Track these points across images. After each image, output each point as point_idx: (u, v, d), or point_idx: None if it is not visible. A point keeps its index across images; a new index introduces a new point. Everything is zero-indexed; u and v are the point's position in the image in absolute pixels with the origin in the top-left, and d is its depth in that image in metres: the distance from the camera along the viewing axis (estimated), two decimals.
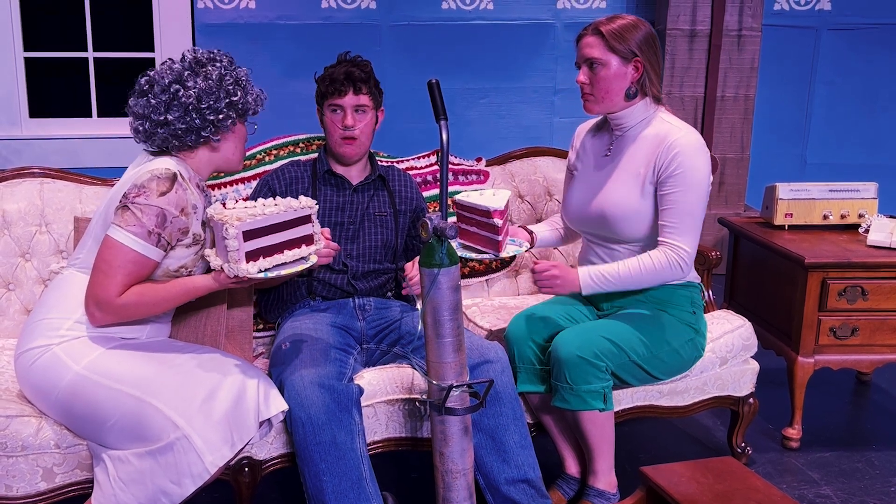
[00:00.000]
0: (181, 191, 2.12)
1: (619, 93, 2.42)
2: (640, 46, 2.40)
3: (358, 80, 2.53)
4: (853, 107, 5.40)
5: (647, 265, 2.40)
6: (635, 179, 2.44)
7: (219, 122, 2.19)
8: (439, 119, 2.12)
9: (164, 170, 2.11)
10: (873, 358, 2.97)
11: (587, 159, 2.61)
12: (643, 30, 2.42)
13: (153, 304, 2.13)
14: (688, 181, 2.37)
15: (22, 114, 4.76)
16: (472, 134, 5.02)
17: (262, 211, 2.05)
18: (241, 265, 2.00)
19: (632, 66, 2.41)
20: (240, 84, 2.22)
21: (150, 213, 2.07)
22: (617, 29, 2.39)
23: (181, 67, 2.19)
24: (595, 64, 2.42)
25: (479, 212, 2.24)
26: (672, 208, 2.39)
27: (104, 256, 2.08)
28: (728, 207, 5.03)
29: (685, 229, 2.39)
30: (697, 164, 2.38)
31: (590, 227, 2.56)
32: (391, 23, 4.97)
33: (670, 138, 2.40)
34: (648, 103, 2.47)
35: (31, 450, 2.11)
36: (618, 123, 2.50)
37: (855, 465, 2.92)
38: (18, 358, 2.16)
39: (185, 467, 1.98)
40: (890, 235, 2.99)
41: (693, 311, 2.55)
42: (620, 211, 2.45)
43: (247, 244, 2.00)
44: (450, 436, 2.07)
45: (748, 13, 4.84)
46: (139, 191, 2.09)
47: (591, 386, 2.35)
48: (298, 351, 2.32)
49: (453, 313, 2.02)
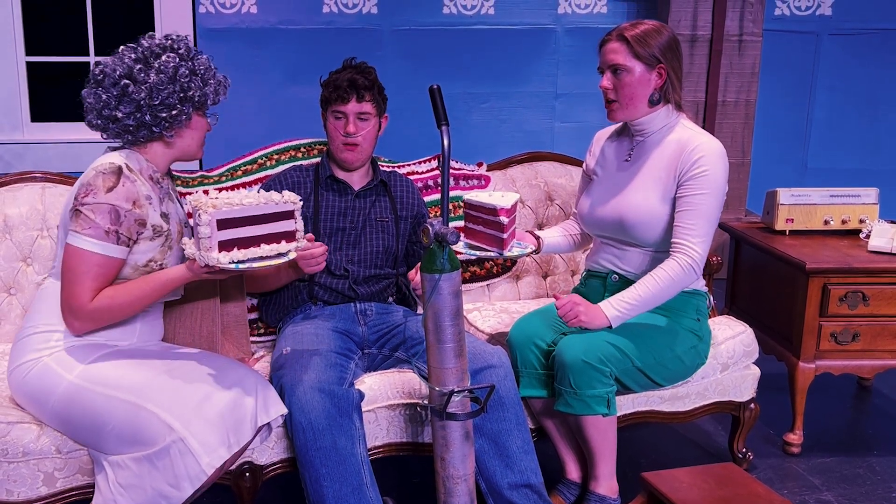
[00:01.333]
0: (129, 183, 2.07)
1: (642, 99, 2.43)
2: (663, 52, 2.40)
3: (361, 87, 2.53)
4: (854, 112, 5.40)
5: (663, 279, 2.38)
6: (656, 184, 2.44)
7: (171, 117, 2.12)
8: (441, 124, 2.12)
9: (108, 164, 2.07)
10: (874, 363, 2.97)
11: (607, 164, 2.62)
12: (666, 35, 2.41)
13: (129, 304, 2.09)
14: (709, 184, 2.38)
15: (24, 118, 4.77)
16: (474, 139, 5.03)
17: (241, 201, 2.00)
18: (213, 254, 1.95)
19: (655, 72, 2.41)
20: (196, 74, 2.13)
21: (102, 211, 2.03)
22: (641, 34, 2.39)
23: (133, 59, 2.10)
24: (619, 70, 2.41)
25: (485, 210, 2.26)
26: (690, 210, 2.39)
27: (69, 265, 2.05)
28: (729, 212, 5.03)
29: (700, 232, 2.39)
30: (718, 170, 2.39)
31: (606, 231, 2.56)
32: (392, 27, 4.97)
33: (694, 143, 2.41)
34: (670, 110, 2.47)
35: (32, 455, 2.11)
36: (639, 129, 2.51)
37: (856, 471, 2.91)
38: (12, 373, 2.15)
39: (183, 470, 1.97)
40: (891, 241, 2.99)
41: (697, 319, 2.55)
42: (640, 215, 2.45)
43: (220, 233, 1.95)
44: (451, 441, 2.07)
45: (749, 18, 4.84)
46: (86, 190, 2.05)
47: (595, 391, 2.35)
48: (299, 356, 2.32)
49: (454, 319, 2.02)
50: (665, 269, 2.39)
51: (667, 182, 2.43)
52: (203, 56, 2.19)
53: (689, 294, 2.53)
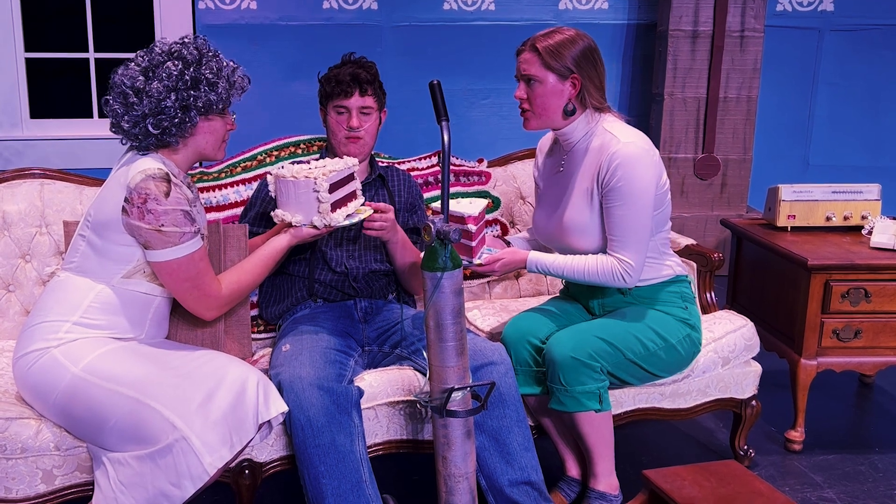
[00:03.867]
0: (176, 188, 2.10)
1: (556, 110, 2.40)
2: (577, 62, 2.36)
3: (364, 81, 2.52)
4: (856, 108, 5.39)
5: (591, 269, 2.40)
6: (585, 195, 2.43)
7: (174, 125, 2.12)
8: (441, 120, 2.11)
9: (155, 169, 2.08)
10: (876, 360, 2.96)
11: (546, 176, 2.62)
12: (581, 45, 2.37)
13: (251, 283, 2.28)
14: (627, 194, 2.34)
15: (23, 115, 4.76)
16: (474, 135, 5.02)
17: (334, 167, 2.28)
18: (334, 214, 2.25)
19: (569, 82, 2.38)
20: (201, 81, 2.12)
21: (178, 217, 2.07)
22: (553, 45, 2.36)
23: (139, 69, 2.11)
24: (532, 80, 2.39)
25: (453, 218, 2.26)
26: (614, 222, 2.38)
27: (184, 275, 2.12)
28: (730, 209, 5.02)
29: (628, 243, 2.37)
30: (638, 174, 2.33)
31: (552, 242, 2.57)
32: (393, 23, 4.96)
33: (610, 149, 2.36)
34: (590, 115, 2.44)
35: (31, 452, 2.11)
36: (564, 139, 2.50)
37: (858, 468, 2.91)
38: (17, 362, 2.15)
39: (185, 469, 1.97)
40: (893, 237, 2.98)
41: (685, 307, 2.54)
42: (575, 226, 2.45)
43: (331, 195, 2.24)
44: (452, 440, 2.06)
45: (750, 14, 4.83)
46: (144, 196, 2.04)
47: (586, 387, 2.34)
48: (298, 353, 2.31)
49: (456, 317, 2.01)
50: (598, 262, 2.40)
51: (592, 190, 2.41)
52: (215, 59, 2.17)
53: (671, 282, 2.53)
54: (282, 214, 2.28)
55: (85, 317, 2.13)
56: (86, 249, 2.15)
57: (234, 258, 2.36)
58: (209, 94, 2.13)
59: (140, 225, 2.07)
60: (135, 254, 2.13)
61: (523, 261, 2.46)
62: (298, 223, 2.26)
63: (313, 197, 2.23)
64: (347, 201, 2.33)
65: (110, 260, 2.13)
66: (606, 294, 2.55)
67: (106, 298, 2.14)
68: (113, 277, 2.14)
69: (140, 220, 2.06)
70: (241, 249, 2.37)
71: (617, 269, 2.38)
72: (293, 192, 2.24)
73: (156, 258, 2.10)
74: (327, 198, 2.22)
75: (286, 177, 2.25)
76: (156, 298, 2.20)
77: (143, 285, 2.17)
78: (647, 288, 2.52)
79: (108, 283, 2.14)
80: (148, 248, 2.10)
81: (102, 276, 2.14)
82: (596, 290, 2.56)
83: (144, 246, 2.10)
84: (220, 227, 2.37)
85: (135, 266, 2.14)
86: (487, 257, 2.42)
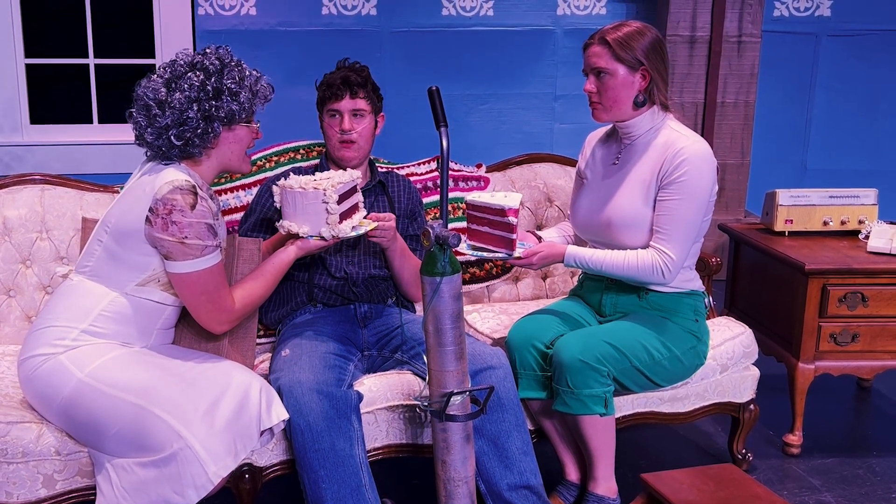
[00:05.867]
0: (202, 201, 2.10)
1: (626, 101, 2.42)
2: (646, 54, 2.39)
3: (354, 84, 2.54)
4: (853, 113, 5.40)
5: (630, 262, 2.41)
6: (641, 187, 2.44)
7: (197, 136, 2.11)
8: (440, 126, 2.12)
9: (183, 181, 2.07)
10: (874, 364, 2.97)
11: (596, 168, 2.62)
12: (649, 37, 2.41)
13: (262, 296, 2.27)
14: (688, 190, 2.37)
15: (23, 120, 4.77)
16: (473, 140, 5.03)
17: (340, 179, 2.29)
18: (342, 225, 2.26)
19: (639, 74, 2.40)
20: (222, 92, 2.10)
21: (202, 230, 2.07)
22: (622, 37, 2.39)
23: (161, 82, 2.11)
24: (602, 73, 2.41)
25: (492, 211, 2.26)
26: (667, 215, 2.39)
27: (201, 288, 2.11)
28: (728, 213, 5.03)
29: (676, 238, 2.39)
30: (701, 174, 2.38)
31: (595, 235, 2.57)
32: (392, 29, 4.97)
33: (678, 146, 2.40)
34: (656, 111, 2.47)
35: (32, 456, 2.11)
36: (626, 132, 2.51)
37: (856, 472, 2.91)
38: (22, 363, 2.15)
39: (189, 478, 1.97)
40: (890, 242, 2.99)
41: (696, 320, 2.55)
42: (625, 219, 2.46)
43: (339, 206, 2.24)
44: (452, 444, 2.07)
45: (748, 19, 4.85)
46: (170, 206, 2.03)
47: (593, 390, 2.35)
48: (298, 358, 2.31)
49: (455, 322, 2.02)
50: (638, 257, 2.41)
51: (650, 184, 2.43)
52: (237, 69, 2.15)
53: (686, 294, 2.54)
54: (288, 225, 2.27)
55: (94, 325, 2.13)
56: (102, 255, 2.15)
57: (244, 272, 2.34)
58: (231, 104, 2.12)
59: (163, 236, 2.06)
60: (151, 263, 2.12)
61: (561, 254, 2.46)
62: (305, 234, 2.25)
63: (322, 208, 2.22)
64: (351, 213, 2.33)
65: (126, 267, 2.13)
66: (621, 293, 2.56)
67: (117, 308, 2.14)
68: (127, 285, 2.14)
69: (164, 231, 2.06)
70: (253, 263, 2.35)
71: (658, 263, 2.39)
72: (301, 203, 2.23)
73: (175, 269, 2.10)
74: (336, 209, 2.21)
75: (294, 188, 2.23)
76: (167, 308, 2.20)
77: (155, 294, 2.16)
78: (665, 296, 2.52)
79: (121, 291, 2.14)
80: (168, 259, 2.10)
81: (116, 282, 2.14)
82: (611, 287, 2.56)
83: (165, 257, 2.10)
84: (235, 240, 2.36)
85: (150, 275, 2.13)
86: (525, 250, 2.43)
